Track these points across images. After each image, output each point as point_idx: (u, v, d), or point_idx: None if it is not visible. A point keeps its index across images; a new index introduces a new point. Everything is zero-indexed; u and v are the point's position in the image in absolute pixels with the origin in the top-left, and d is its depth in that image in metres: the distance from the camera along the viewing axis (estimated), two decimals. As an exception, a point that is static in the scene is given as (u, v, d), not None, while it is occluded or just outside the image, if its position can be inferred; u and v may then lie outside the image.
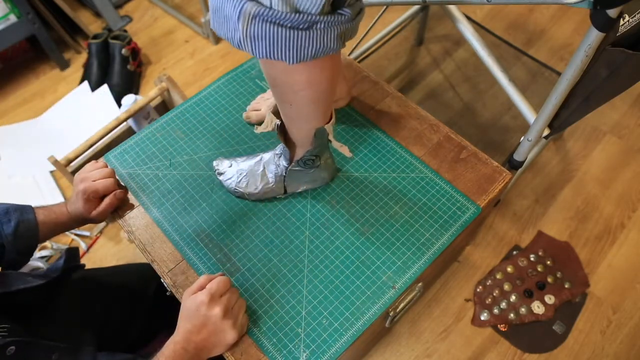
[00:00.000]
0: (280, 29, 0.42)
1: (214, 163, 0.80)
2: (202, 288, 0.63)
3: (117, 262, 1.27)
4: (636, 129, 1.40)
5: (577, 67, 0.76)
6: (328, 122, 0.62)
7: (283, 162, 0.72)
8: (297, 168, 0.72)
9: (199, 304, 0.61)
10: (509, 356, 1.07)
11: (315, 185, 0.78)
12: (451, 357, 1.07)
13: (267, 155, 0.76)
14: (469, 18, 1.47)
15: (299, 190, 0.78)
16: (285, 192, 0.77)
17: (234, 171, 0.77)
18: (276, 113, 0.66)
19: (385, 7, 1.23)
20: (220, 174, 0.78)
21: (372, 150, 0.83)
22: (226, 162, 0.79)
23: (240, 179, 0.76)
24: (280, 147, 0.71)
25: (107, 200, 0.75)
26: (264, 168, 0.75)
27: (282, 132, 0.67)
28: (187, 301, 0.63)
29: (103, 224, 1.33)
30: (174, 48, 1.71)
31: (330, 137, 0.65)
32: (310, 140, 0.64)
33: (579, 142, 1.38)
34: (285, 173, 0.73)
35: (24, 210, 0.72)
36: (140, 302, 0.92)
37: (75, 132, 1.48)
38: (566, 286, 1.13)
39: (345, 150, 0.71)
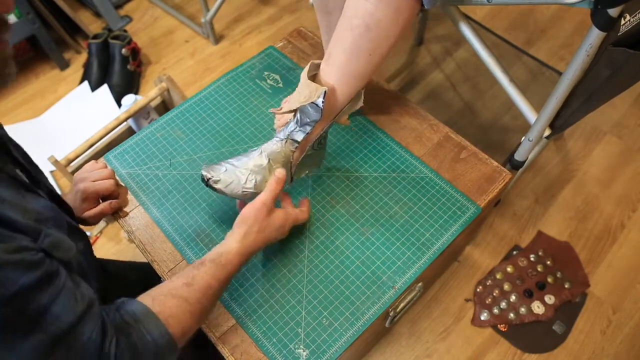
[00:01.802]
0: None
1: (204, 173, 0.68)
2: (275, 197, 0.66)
3: (117, 262, 1.27)
4: (636, 129, 1.40)
5: (578, 66, 0.76)
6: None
7: (292, 146, 0.69)
8: (310, 152, 0.72)
9: (288, 222, 0.68)
10: (509, 356, 1.07)
11: (316, 168, 0.78)
12: (451, 357, 1.07)
13: (268, 147, 0.70)
14: (469, 18, 1.47)
15: (302, 177, 0.78)
16: (292, 180, 0.73)
17: (233, 174, 0.69)
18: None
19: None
20: (216, 181, 0.68)
21: (372, 150, 0.83)
22: (219, 168, 0.69)
23: (247, 179, 0.68)
24: (293, 129, 0.69)
25: (102, 206, 0.75)
26: (269, 160, 0.69)
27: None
28: (277, 219, 0.66)
29: (103, 224, 1.33)
30: (174, 48, 1.71)
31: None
32: (344, 106, 0.67)
33: (579, 142, 1.38)
34: (301, 157, 0.72)
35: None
36: None
37: (75, 132, 1.48)
38: (566, 286, 1.13)
39: (345, 121, 0.75)
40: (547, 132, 0.95)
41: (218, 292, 0.60)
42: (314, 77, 0.68)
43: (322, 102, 0.63)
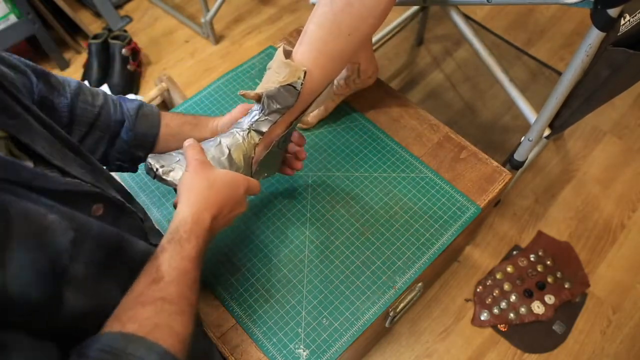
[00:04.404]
0: None
1: (150, 162, 0.59)
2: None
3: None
4: (636, 129, 1.40)
5: (578, 67, 0.76)
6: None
7: (255, 138, 0.61)
8: (275, 149, 0.64)
9: (239, 184, 0.57)
10: (509, 356, 1.07)
11: (271, 173, 0.69)
12: (451, 357, 1.07)
13: (227, 138, 0.61)
14: (469, 18, 1.47)
15: (260, 179, 0.66)
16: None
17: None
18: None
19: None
20: (167, 172, 0.59)
21: (372, 150, 0.83)
22: (169, 157, 0.61)
23: None
24: (257, 118, 0.61)
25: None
26: (230, 152, 0.60)
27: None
28: (222, 175, 0.56)
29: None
30: (174, 48, 1.71)
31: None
32: (318, 93, 0.62)
33: (579, 142, 1.38)
34: (264, 154, 0.63)
35: (145, 103, 0.68)
36: None
37: (75, 132, 1.48)
38: (566, 286, 1.13)
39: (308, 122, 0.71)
40: (547, 132, 0.95)
41: (196, 273, 0.49)
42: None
43: (302, 83, 0.58)
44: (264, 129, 0.60)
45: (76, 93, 0.60)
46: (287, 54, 0.59)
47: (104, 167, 0.60)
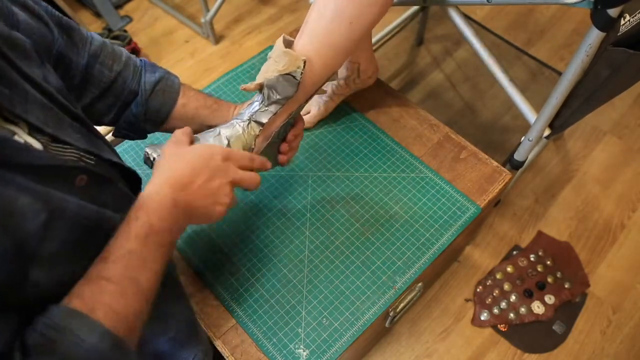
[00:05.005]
0: None
1: (148, 151, 0.57)
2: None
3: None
4: (636, 129, 1.40)
5: (578, 67, 0.76)
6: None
7: (255, 130, 0.60)
8: (275, 140, 0.63)
9: (214, 152, 0.51)
10: (509, 356, 1.07)
11: (274, 163, 0.67)
12: (451, 357, 1.07)
13: (227, 129, 0.60)
14: (469, 18, 1.47)
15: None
16: None
17: None
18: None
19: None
20: None
21: (372, 150, 0.83)
22: None
23: None
24: (257, 109, 0.59)
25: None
26: (229, 142, 0.59)
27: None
28: (197, 147, 0.53)
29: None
30: (174, 48, 1.71)
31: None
32: (319, 85, 0.61)
33: (579, 142, 1.38)
34: (264, 145, 0.62)
35: (171, 74, 0.65)
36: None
37: (75, 132, 1.48)
38: (566, 286, 1.13)
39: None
40: (547, 132, 0.95)
41: (145, 253, 0.44)
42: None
43: (301, 73, 0.57)
44: (264, 120, 0.59)
45: (95, 54, 0.58)
46: (288, 44, 0.59)
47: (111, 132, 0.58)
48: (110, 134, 0.69)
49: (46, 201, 0.39)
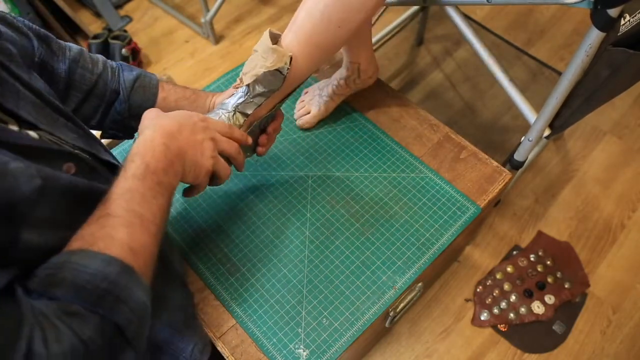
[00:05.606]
0: None
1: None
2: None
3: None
4: (636, 129, 1.40)
5: (578, 67, 0.76)
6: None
7: (240, 120, 0.61)
8: (256, 130, 0.65)
9: (193, 114, 0.55)
10: (509, 356, 1.07)
11: (252, 153, 0.69)
12: (451, 357, 1.07)
13: (213, 117, 0.60)
14: (469, 18, 1.47)
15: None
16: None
17: None
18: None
19: (384, 7, 1.23)
20: None
21: (372, 150, 0.83)
22: None
23: None
24: (242, 100, 0.61)
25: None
26: None
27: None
28: (176, 111, 0.55)
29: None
30: (174, 48, 1.71)
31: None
32: (302, 80, 0.63)
33: (579, 142, 1.38)
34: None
35: (147, 72, 0.68)
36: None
37: (75, 132, 1.48)
38: (566, 286, 1.13)
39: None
40: (547, 132, 0.95)
41: (144, 190, 0.45)
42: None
43: (288, 68, 0.59)
44: (249, 111, 0.61)
45: (75, 59, 0.61)
46: (274, 37, 0.60)
47: (99, 134, 0.60)
48: (99, 135, 0.70)
49: (39, 170, 0.40)
